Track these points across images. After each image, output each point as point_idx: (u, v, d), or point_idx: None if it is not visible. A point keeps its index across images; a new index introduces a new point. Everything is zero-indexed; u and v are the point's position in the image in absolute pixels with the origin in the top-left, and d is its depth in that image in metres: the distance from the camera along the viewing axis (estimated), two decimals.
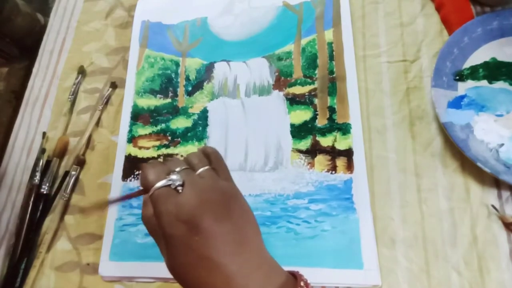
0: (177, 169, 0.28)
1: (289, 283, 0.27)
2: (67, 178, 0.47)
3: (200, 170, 0.28)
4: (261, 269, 0.27)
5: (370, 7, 0.48)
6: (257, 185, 0.42)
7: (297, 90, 0.46)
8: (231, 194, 0.28)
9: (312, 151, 0.42)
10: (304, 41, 0.48)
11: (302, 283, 0.26)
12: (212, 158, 0.30)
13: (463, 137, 0.38)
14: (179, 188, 0.27)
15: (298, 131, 0.44)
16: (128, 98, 0.50)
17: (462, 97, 0.40)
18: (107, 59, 0.54)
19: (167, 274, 0.40)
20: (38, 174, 0.47)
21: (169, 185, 0.27)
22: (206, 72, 0.50)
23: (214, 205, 0.26)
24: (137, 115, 0.49)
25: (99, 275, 0.42)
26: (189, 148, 0.46)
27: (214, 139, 0.46)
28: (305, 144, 0.43)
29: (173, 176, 0.27)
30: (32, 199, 0.46)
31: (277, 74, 0.47)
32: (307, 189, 0.41)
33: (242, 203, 0.29)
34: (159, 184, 0.27)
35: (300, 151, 0.43)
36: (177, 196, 0.26)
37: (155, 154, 0.46)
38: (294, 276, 0.27)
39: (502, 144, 0.38)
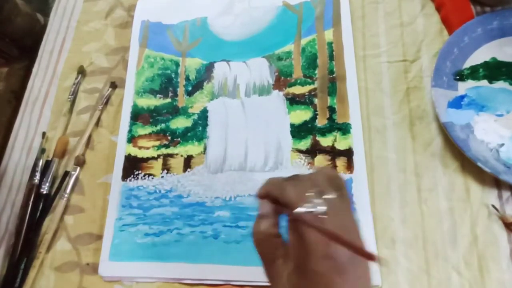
0: (312, 192, 0.25)
1: None
2: (67, 178, 0.47)
3: (328, 197, 0.26)
4: None
5: (370, 7, 0.48)
6: (257, 185, 0.41)
7: (297, 90, 0.46)
8: (351, 219, 0.26)
9: (312, 151, 0.42)
10: (304, 41, 0.48)
11: None
12: (340, 186, 0.27)
13: (463, 137, 0.38)
14: (323, 216, 0.24)
15: (298, 131, 0.44)
16: (128, 98, 0.50)
17: (462, 97, 0.40)
18: (107, 59, 0.54)
19: (167, 274, 0.40)
20: (38, 174, 0.47)
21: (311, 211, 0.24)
22: (206, 72, 0.50)
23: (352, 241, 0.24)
24: (137, 115, 0.49)
25: (99, 275, 0.42)
26: (189, 148, 0.46)
27: (214, 139, 0.46)
28: (305, 144, 0.43)
29: (317, 200, 0.25)
30: (32, 199, 0.46)
31: (277, 74, 0.47)
32: None
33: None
34: (303, 209, 0.24)
35: (300, 151, 0.43)
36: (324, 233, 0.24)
37: (155, 154, 0.46)
38: None
39: (502, 144, 0.38)
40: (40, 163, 0.48)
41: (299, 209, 0.24)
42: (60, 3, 0.60)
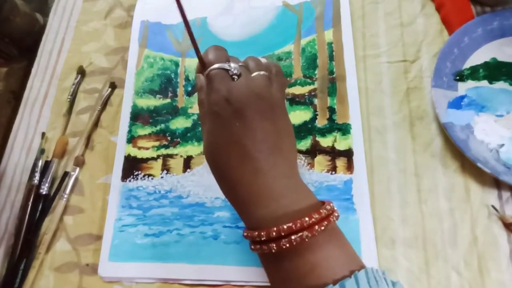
0: (236, 64, 0.30)
1: (314, 201, 0.27)
2: (66, 179, 0.47)
3: (255, 73, 0.30)
4: (291, 179, 0.28)
5: (370, 7, 0.48)
6: None
7: (297, 90, 0.46)
8: (279, 104, 0.29)
9: (312, 152, 0.42)
10: (304, 41, 0.48)
11: (328, 207, 0.26)
12: (273, 71, 0.31)
13: (463, 138, 0.38)
14: (235, 77, 0.29)
15: (298, 132, 0.44)
16: (128, 98, 0.50)
17: (462, 97, 0.40)
18: (106, 59, 0.54)
19: (167, 275, 0.40)
20: (37, 175, 0.47)
21: (227, 70, 0.29)
22: None
23: (261, 103, 0.28)
24: (137, 116, 0.49)
25: (98, 276, 0.42)
26: (189, 149, 0.46)
27: None
28: (305, 144, 0.43)
29: (232, 64, 0.29)
30: (31, 199, 0.46)
31: None
32: None
33: (287, 118, 0.30)
34: (217, 65, 0.29)
35: (300, 152, 0.43)
36: (231, 82, 0.28)
37: (154, 154, 0.46)
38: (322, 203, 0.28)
39: (502, 145, 0.38)
40: (40, 163, 0.48)
41: (213, 66, 0.29)
42: (60, 3, 0.60)
